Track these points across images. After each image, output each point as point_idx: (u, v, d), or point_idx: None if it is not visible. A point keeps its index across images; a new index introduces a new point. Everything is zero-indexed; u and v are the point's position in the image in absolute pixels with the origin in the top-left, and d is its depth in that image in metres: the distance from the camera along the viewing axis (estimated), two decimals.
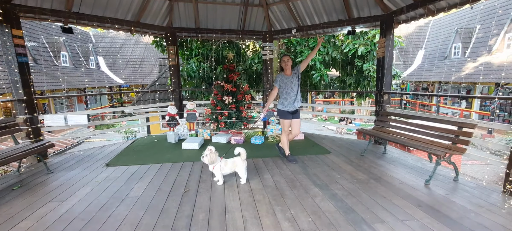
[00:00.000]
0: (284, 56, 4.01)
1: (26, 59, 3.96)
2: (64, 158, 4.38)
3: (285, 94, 4.02)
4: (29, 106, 4.03)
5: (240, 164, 3.26)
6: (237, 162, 3.28)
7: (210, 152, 3.14)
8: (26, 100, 3.97)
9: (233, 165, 3.28)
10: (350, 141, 5.64)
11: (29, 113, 4.03)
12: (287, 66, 3.98)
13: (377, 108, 5.18)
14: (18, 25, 3.88)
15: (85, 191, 3.08)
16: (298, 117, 4.17)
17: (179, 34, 6.35)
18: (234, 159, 3.30)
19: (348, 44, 7.09)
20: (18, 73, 3.85)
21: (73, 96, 17.50)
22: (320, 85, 8.36)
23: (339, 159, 4.26)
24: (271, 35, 6.37)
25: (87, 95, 17.43)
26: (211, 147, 3.18)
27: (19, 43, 3.85)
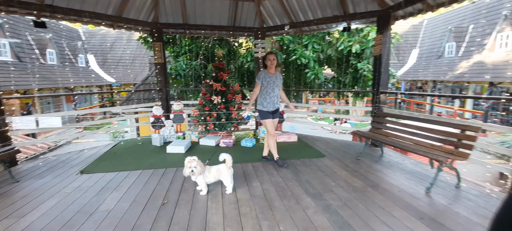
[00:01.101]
0: (270, 54, 3.81)
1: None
2: (35, 164, 4.02)
3: (265, 94, 3.80)
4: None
5: (225, 172, 2.95)
6: (222, 170, 2.97)
7: (196, 163, 2.80)
8: None
9: (218, 173, 2.97)
10: (345, 143, 5.38)
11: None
12: (272, 64, 3.79)
13: (374, 109, 4.93)
14: None
15: (50, 204, 2.74)
16: (277, 117, 3.98)
17: (166, 30, 6.01)
18: (219, 166, 2.99)
19: (343, 42, 6.82)
20: None
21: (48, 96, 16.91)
22: (314, 84, 8.10)
23: (334, 163, 3.99)
24: (263, 31, 6.06)
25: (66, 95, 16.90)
26: (193, 158, 2.83)
27: None
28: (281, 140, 5.35)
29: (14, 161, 3.97)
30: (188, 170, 2.77)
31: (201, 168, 2.82)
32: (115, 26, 5.26)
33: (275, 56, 3.82)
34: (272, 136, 3.85)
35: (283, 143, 5.25)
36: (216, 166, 3.01)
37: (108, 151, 4.74)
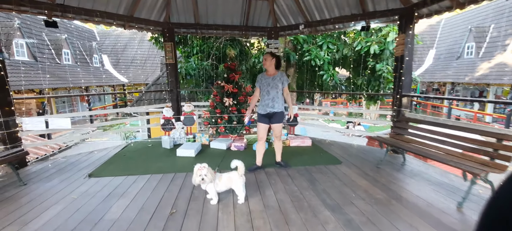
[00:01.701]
0: (265, 54, 3.63)
1: (1, 55, 3.53)
2: (45, 166, 3.95)
3: (261, 96, 3.65)
4: (4, 109, 3.60)
5: (237, 180, 2.76)
6: (233, 178, 2.78)
7: (206, 171, 2.61)
8: (0, 102, 3.54)
9: (229, 181, 2.79)
10: (362, 148, 5.10)
11: (4, 116, 3.60)
12: (265, 64, 3.58)
13: (394, 113, 4.63)
14: None
15: (55, 210, 2.63)
16: (278, 122, 3.64)
17: (177, 30, 5.89)
18: (230, 174, 2.80)
19: (360, 42, 6.52)
20: None
21: (57, 97, 17.23)
22: (328, 86, 7.81)
23: (352, 171, 3.73)
24: (277, 31, 5.86)
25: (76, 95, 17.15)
26: (203, 165, 2.65)
27: None
28: (295, 144, 5.13)
29: (24, 162, 3.92)
30: (198, 178, 2.60)
31: (211, 175, 2.64)
32: (127, 26, 5.18)
33: (268, 55, 3.59)
34: (259, 141, 3.73)
35: (297, 147, 5.03)
36: (227, 173, 2.82)
37: (117, 153, 4.64)
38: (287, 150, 4.80)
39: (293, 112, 3.80)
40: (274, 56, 3.57)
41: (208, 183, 2.65)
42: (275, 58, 3.57)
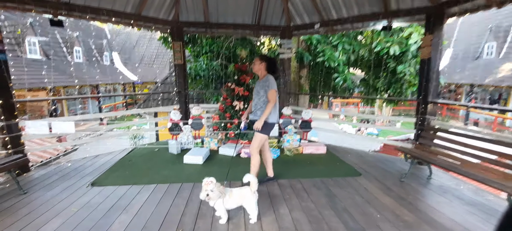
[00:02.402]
0: (255, 59, 3.27)
1: (2, 56, 3.38)
2: (48, 172, 3.79)
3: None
4: (7, 111, 3.45)
5: (249, 197, 2.49)
6: (245, 194, 2.51)
7: (213, 186, 2.35)
8: (2, 105, 3.39)
9: (240, 198, 2.52)
10: (380, 158, 4.76)
11: (6, 119, 3.45)
12: (253, 68, 3.25)
13: (419, 121, 4.27)
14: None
15: (54, 225, 2.43)
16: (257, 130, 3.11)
17: (186, 29, 5.66)
18: (242, 190, 2.54)
19: (379, 43, 6.13)
20: None
21: (63, 98, 17.37)
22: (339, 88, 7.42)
23: (373, 186, 3.41)
24: (290, 30, 5.55)
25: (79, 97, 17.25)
26: (210, 179, 2.37)
27: None
28: (308, 151, 4.83)
29: (27, 168, 3.77)
30: (204, 193, 2.35)
31: (219, 192, 2.38)
32: (134, 24, 4.98)
33: (256, 58, 3.24)
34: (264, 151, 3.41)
35: (311, 155, 4.73)
36: (238, 189, 2.56)
37: (123, 158, 4.46)
38: (300, 158, 4.51)
39: (260, 124, 3.02)
40: (264, 59, 3.20)
41: (215, 201, 2.40)
42: (266, 61, 3.18)
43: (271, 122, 3.14)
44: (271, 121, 3.13)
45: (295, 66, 7.52)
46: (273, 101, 3.02)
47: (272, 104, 3.03)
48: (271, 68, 3.20)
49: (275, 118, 3.19)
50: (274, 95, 3.04)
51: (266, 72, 3.19)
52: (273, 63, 3.22)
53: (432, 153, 3.54)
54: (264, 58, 3.20)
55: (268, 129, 3.15)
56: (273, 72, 3.23)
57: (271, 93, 3.04)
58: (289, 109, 5.49)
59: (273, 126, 3.20)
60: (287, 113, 5.44)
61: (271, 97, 3.04)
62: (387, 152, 8.41)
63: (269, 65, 3.18)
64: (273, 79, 3.12)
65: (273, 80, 3.10)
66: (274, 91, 3.04)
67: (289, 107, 5.55)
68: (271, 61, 3.21)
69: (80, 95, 16.78)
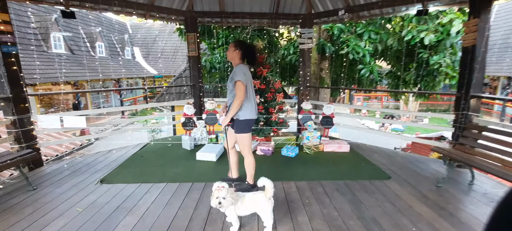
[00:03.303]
0: (229, 45, 2.80)
1: (14, 48, 3.30)
2: (60, 167, 3.73)
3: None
4: (18, 106, 3.38)
5: (263, 204, 2.20)
6: (259, 200, 2.22)
7: (225, 192, 2.07)
8: (13, 99, 3.32)
9: (254, 204, 2.24)
10: (410, 158, 4.29)
11: (18, 113, 3.39)
12: (227, 55, 2.79)
13: (459, 119, 3.75)
14: (3, 8, 3.20)
15: (55, 227, 2.29)
16: (235, 131, 2.77)
17: (201, 19, 5.41)
18: (256, 196, 2.25)
19: (410, 31, 5.52)
20: (2, 66, 3.19)
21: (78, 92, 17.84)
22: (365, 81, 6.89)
23: (405, 191, 3.00)
24: (311, 19, 5.13)
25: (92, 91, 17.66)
26: (222, 184, 2.10)
27: (4, 30, 3.18)
28: (330, 149, 4.46)
29: (40, 162, 3.72)
30: (215, 200, 2.09)
31: (231, 199, 2.11)
32: (147, 15, 4.80)
33: (231, 44, 2.75)
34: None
35: (332, 153, 4.35)
36: (251, 194, 2.28)
37: (135, 153, 4.33)
38: (320, 157, 4.15)
39: (226, 120, 2.65)
40: (239, 46, 2.70)
41: (226, 208, 2.13)
42: (241, 48, 2.69)
43: (244, 119, 2.68)
44: (244, 118, 2.67)
45: (316, 58, 7.08)
46: (240, 95, 2.53)
47: (240, 100, 2.54)
48: (247, 57, 2.75)
49: (250, 114, 2.70)
50: (240, 88, 2.53)
51: (240, 61, 2.71)
52: (250, 52, 2.75)
53: (475, 155, 3.06)
54: (239, 44, 2.70)
55: (245, 126, 2.71)
56: (249, 62, 2.81)
57: (237, 86, 2.55)
58: (309, 104, 5.12)
59: (251, 122, 2.74)
60: (307, 108, 5.07)
61: (237, 91, 2.55)
62: (416, 151, 7.79)
63: (245, 53, 2.71)
64: (241, 69, 2.61)
65: (240, 71, 2.58)
66: (240, 83, 2.52)
67: (308, 102, 5.18)
68: (248, 49, 2.74)
69: (95, 90, 17.26)
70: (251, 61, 2.80)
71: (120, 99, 18.21)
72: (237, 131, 2.72)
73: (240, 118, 2.67)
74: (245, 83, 2.56)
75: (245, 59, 2.75)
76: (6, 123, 3.36)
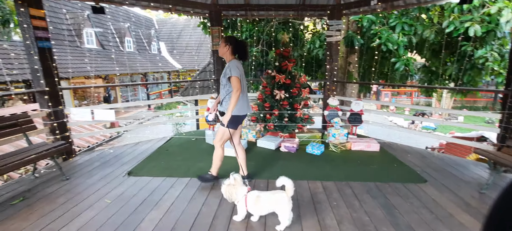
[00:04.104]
0: (221, 40, 2.82)
1: (48, 44, 3.44)
2: (91, 158, 3.88)
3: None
4: (53, 98, 3.54)
5: (284, 204, 2.10)
6: (280, 200, 2.12)
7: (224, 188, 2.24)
8: (48, 92, 3.48)
9: (272, 204, 2.16)
10: (448, 160, 3.95)
11: (53, 106, 3.55)
12: (219, 51, 2.80)
13: (504, 118, 3.37)
14: (38, 4, 3.34)
15: (85, 218, 2.36)
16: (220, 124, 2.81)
17: (225, 13, 5.36)
18: (275, 195, 2.16)
19: (452, 21, 5.03)
20: (38, 61, 3.34)
21: (102, 86, 18.54)
22: (398, 77, 6.48)
23: (445, 197, 2.75)
24: (340, 10, 4.86)
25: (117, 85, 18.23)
26: (234, 176, 2.23)
27: (39, 25, 3.32)
28: (358, 148, 4.24)
29: (72, 152, 3.90)
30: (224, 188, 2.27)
31: (230, 193, 2.21)
32: (173, 9, 4.82)
33: (222, 40, 2.77)
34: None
35: (361, 152, 4.13)
36: (269, 193, 2.21)
37: (161, 146, 4.41)
38: (348, 156, 3.96)
39: (226, 118, 2.64)
40: (229, 41, 2.72)
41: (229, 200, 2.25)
42: (231, 43, 2.70)
43: (236, 115, 2.70)
44: (236, 114, 2.69)
45: (343, 51, 6.77)
46: (236, 89, 2.55)
47: (237, 94, 2.55)
48: (238, 52, 2.74)
49: (242, 110, 2.74)
50: (236, 82, 2.56)
51: (232, 56, 2.73)
52: (240, 46, 2.74)
53: None
54: (229, 40, 2.73)
55: (234, 122, 2.73)
56: (241, 57, 2.78)
57: (232, 81, 2.57)
58: (336, 100, 4.90)
59: (240, 118, 2.79)
60: (334, 104, 4.86)
61: (233, 85, 2.57)
62: (451, 152, 7.26)
63: (236, 48, 2.72)
64: (235, 64, 2.62)
65: (234, 66, 2.60)
66: (235, 78, 2.55)
67: (335, 97, 4.96)
68: (238, 43, 2.74)
69: (124, 84, 17.96)
70: (242, 56, 2.80)
71: (146, 93, 18.87)
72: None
73: (233, 113, 2.68)
74: (239, 78, 2.59)
75: (237, 54, 2.76)
76: (42, 115, 3.53)
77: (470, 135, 7.32)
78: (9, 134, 2.91)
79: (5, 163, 2.55)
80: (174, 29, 26.02)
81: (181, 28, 25.90)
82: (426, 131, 14.05)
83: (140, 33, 20.61)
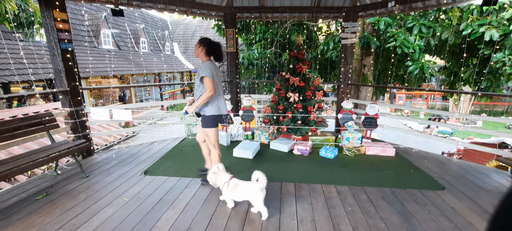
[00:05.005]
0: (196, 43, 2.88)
1: (70, 45, 3.57)
2: (109, 157, 4.00)
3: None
4: (74, 98, 3.68)
5: (256, 193, 2.37)
6: (252, 190, 2.40)
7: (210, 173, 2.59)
8: (70, 92, 3.62)
9: (246, 193, 2.45)
10: (466, 167, 3.82)
11: (75, 105, 3.68)
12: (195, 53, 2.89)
13: None
14: (62, 7, 3.47)
15: (105, 215, 2.44)
16: (202, 126, 2.92)
17: (240, 15, 5.39)
18: (250, 185, 2.44)
19: (470, 24, 4.87)
20: (61, 62, 3.48)
21: (115, 87, 18.92)
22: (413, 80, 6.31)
23: (464, 206, 2.67)
24: (356, 11, 4.81)
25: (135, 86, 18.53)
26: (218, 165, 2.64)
27: (62, 28, 3.45)
28: (373, 152, 4.17)
29: (91, 151, 4.03)
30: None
31: (214, 179, 2.56)
32: (189, 12, 4.91)
33: (197, 42, 2.86)
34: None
35: (376, 157, 4.06)
36: (246, 182, 2.49)
37: (175, 146, 4.49)
38: (362, 160, 3.90)
39: (192, 109, 2.77)
40: (203, 43, 2.80)
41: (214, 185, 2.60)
42: (205, 45, 2.79)
43: (210, 115, 2.81)
44: (210, 114, 2.81)
45: (358, 54, 6.68)
46: (208, 90, 2.66)
47: (207, 94, 2.66)
48: (213, 54, 2.84)
49: (216, 110, 2.83)
50: (208, 83, 2.65)
51: (206, 57, 2.82)
52: (214, 48, 2.83)
53: None
54: (203, 42, 2.81)
55: (210, 121, 2.84)
56: (216, 58, 2.89)
57: (205, 81, 2.67)
58: (350, 103, 4.85)
59: (216, 118, 2.86)
60: (348, 107, 4.81)
61: (206, 86, 2.67)
62: (469, 158, 7.02)
63: (210, 50, 2.81)
64: (208, 65, 2.71)
65: (207, 67, 2.69)
66: (207, 79, 2.65)
67: (349, 100, 4.90)
68: (212, 45, 2.82)
69: (138, 84, 18.33)
70: (217, 58, 2.89)
71: (160, 93, 19.21)
72: (204, 125, 2.88)
73: (206, 113, 2.81)
74: (212, 78, 2.67)
75: (211, 55, 2.85)
76: (64, 114, 3.67)
77: (490, 140, 7.04)
78: (34, 131, 3.05)
79: (32, 159, 2.68)
80: (188, 30, 26.38)
81: (194, 29, 26.23)
82: (442, 135, 13.63)
83: (155, 34, 21.02)
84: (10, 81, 8.36)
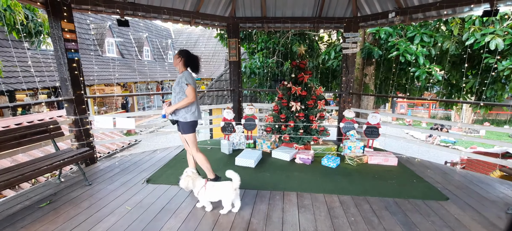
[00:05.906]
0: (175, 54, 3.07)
1: (77, 55, 3.64)
2: (111, 164, 4.02)
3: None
4: (79, 106, 3.72)
5: (227, 192, 2.59)
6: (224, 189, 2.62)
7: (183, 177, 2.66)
8: (75, 100, 3.66)
9: (220, 192, 2.63)
10: (470, 177, 3.80)
11: (79, 113, 3.73)
12: (173, 63, 3.11)
13: None
14: (70, 18, 3.55)
15: (108, 224, 2.44)
16: (181, 132, 3.04)
17: (243, 25, 5.48)
18: (224, 184, 2.65)
19: (472, 33, 4.91)
20: (67, 71, 3.54)
21: (119, 95, 19.06)
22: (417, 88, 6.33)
23: (468, 217, 2.65)
24: (357, 22, 4.87)
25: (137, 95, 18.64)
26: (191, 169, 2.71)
27: (69, 38, 3.53)
28: (375, 161, 4.16)
29: (93, 159, 4.05)
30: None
31: (187, 183, 2.60)
32: (192, 22, 4.99)
33: (175, 54, 3.03)
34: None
35: (378, 166, 4.05)
36: (220, 183, 2.70)
37: (177, 154, 4.50)
38: (364, 170, 3.89)
39: (170, 110, 2.90)
40: (181, 54, 2.99)
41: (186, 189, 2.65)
42: (183, 57, 2.97)
43: (190, 121, 2.96)
44: (190, 120, 2.96)
45: (359, 63, 6.73)
46: (190, 97, 2.86)
47: (189, 100, 2.86)
48: (190, 64, 3.03)
49: (195, 116, 2.99)
50: (191, 91, 2.87)
51: (184, 68, 3.01)
52: (191, 60, 3.02)
53: None
54: (182, 53, 2.99)
55: (189, 127, 2.99)
56: (192, 69, 3.06)
57: (187, 90, 2.87)
58: (352, 112, 4.86)
59: (195, 123, 3.04)
60: (350, 116, 4.82)
61: (189, 93, 2.87)
62: (472, 168, 6.98)
63: (188, 61, 3.01)
64: (189, 75, 2.93)
65: (189, 76, 2.92)
66: (191, 87, 2.87)
67: (351, 110, 4.92)
68: (190, 57, 3.02)
69: (141, 93, 18.47)
70: (193, 69, 3.06)
71: (162, 100, 19.32)
72: (183, 131, 2.99)
73: (187, 119, 2.94)
74: (194, 87, 2.89)
75: (188, 66, 3.02)
76: (68, 122, 3.71)
77: (493, 150, 7.02)
78: (40, 139, 3.08)
79: (36, 167, 2.70)
80: (190, 39, 26.68)
81: (196, 38, 26.54)
82: (444, 144, 13.56)
83: (158, 42, 21.29)
84: (15, 88, 8.47)
